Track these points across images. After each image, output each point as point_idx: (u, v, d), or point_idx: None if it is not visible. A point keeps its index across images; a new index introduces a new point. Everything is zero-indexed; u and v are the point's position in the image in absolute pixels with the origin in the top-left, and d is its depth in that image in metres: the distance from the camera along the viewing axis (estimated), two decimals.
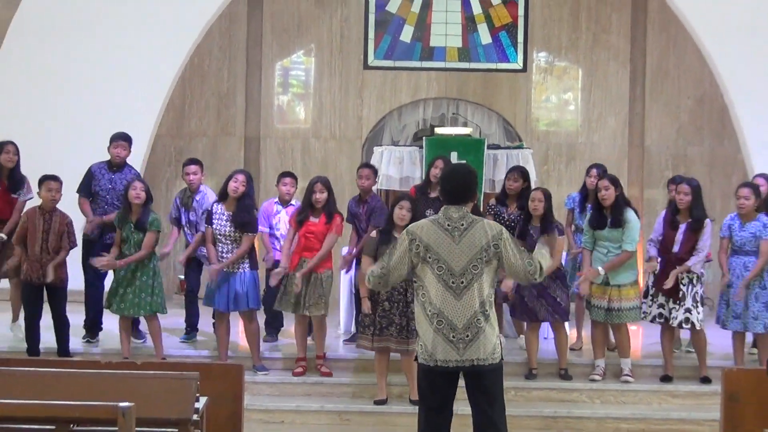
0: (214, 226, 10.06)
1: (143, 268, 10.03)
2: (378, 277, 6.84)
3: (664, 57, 15.09)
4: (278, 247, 10.75)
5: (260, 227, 10.55)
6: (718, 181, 14.44)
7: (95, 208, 10.78)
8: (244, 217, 10.05)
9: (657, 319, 10.07)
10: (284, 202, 10.90)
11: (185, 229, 11.00)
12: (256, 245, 10.38)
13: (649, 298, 10.09)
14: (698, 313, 9.96)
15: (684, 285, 9.94)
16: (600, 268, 9.87)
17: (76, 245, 10.31)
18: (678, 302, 9.92)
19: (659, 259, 10.07)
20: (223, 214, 10.07)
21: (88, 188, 10.79)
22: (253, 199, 10.37)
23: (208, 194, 10.92)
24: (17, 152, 10.63)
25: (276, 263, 10.54)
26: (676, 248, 9.97)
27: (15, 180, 10.59)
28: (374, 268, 6.93)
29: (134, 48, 13.70)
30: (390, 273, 6.81)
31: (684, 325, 9.98)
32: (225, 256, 10.02)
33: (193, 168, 11.02)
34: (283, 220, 10.74)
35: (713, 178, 14.53)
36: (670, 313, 9.97)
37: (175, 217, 11.06)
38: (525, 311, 10.12)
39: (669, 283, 9.86)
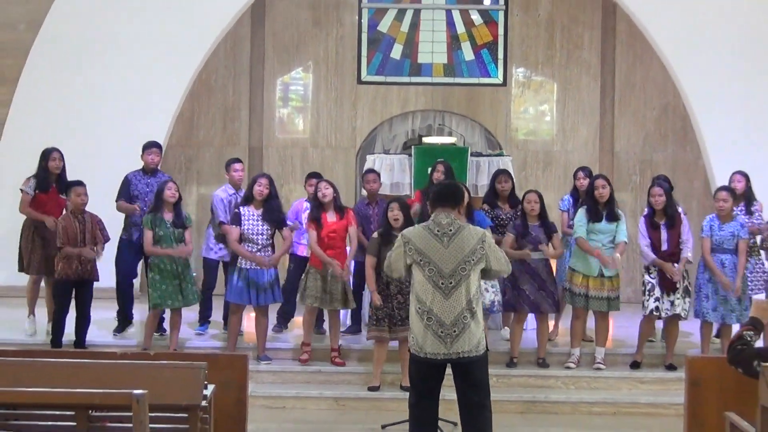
0: (245, 227, 9.92)
1: (185, 262, 10.07)
2: (387, 267, 7.12)
3: (631, 71, 15.13)
4: (304, 242, 10.73)
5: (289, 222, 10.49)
6: (681, 184, 14.44)
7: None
8: (277, 215, 10.04)
9: (654, 312, 10.00)
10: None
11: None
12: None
13: (647, 293, 10.03)
14: (686, 303, 9.99)
15: (684, 279, 9.99)
16: (617, 255, 9.90)
17: (109, 239, 10.30)
18: (677, 294, 9.92)
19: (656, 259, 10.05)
20: (253, 215, 9.95)
21: (127, 194, 10.77)
22: (278, 198, 10.31)
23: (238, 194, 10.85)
24: (62, 158, 10.64)
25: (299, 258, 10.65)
26: (665, 246, 9.96)
27: (63, 183, 10.54)
28: (385, 263, 7.18)
29: (148, 66, 13.68)
30: (392, 265, 7.02)
31: (683, 315, 9.97)
32: (257, 254, 9.90)
33: (238, 165, 11.10)
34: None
35: (676, 182, 14.43)
36: (670, 305, 9.94)
37: (222, 218, 10.72)
38: (528, 303, 10.05)
39: (677, 277, 9.84)
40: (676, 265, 9.87)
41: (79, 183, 10.05)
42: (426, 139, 12.98)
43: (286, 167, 14.78)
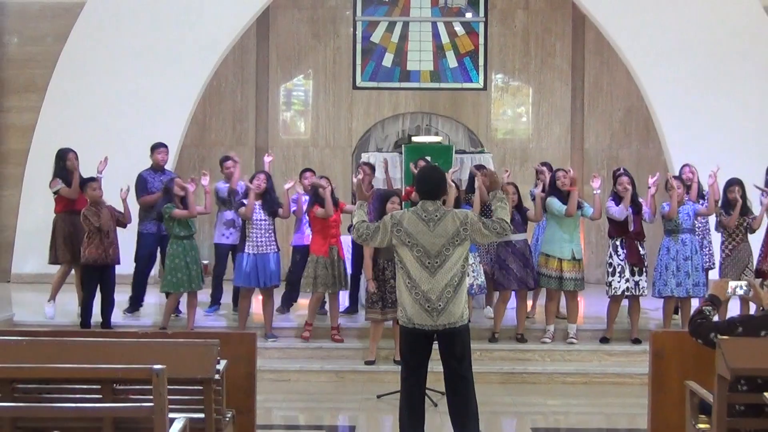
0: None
1: (192, 248, 10.04)
2: (358, 232, 6.94)
3: (598, 76, 15.14)
4: (308, 233, 10.72)
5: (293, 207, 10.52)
6: (644, 178, 14.27)
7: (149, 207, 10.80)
8: (273, 205, 10.06)
9: (626, 293, 9.99)
10: (307, 192, 10.80)
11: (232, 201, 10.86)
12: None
13: (617, 275, 10.02)
14: (645, 282, 10.02)
15: (645, 258, 9.99)
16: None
17: (131, 221, 10.34)
18: (641, 273, 9.94)
19: (620, 239, 10.03)
20: (257, 206, 9.97)
21: (144, 190, 10.83)
22: (274, 191, 10.33)
23: (242, 186, 10.84)
24: (77, 158, 10.64)
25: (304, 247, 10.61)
26: (632, 227, 9.97)
27: (80, 180, 10.48)
28: (362, 225, 6.97)
29: (164, 74, 13.65)
30: (368, 236, 6.91)
31: (644, 293, 10.00)
32: (260, 240, 9.95)
33: (230, 162, 11.12)
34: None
35: (640, 175, 14.39)
36: (636, 285, 9.95)
37: (223, 199, 11.01)
38: (516, 280, 10.04)
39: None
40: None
41: (92, 179, 10.07)
42: (415, 139, 13.02)
43: (290, 165, 14.76)
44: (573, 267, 10.00)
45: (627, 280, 9.95)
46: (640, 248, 9.98)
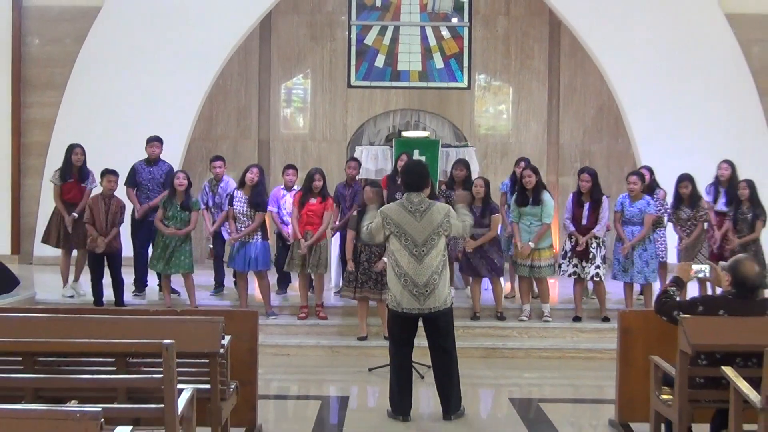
0: (234, 207, 10.03)
1: (185, 238, 10.02)
2: (368, 236, 7.11)
3: (573, 77, 15.12)
4: (287, 222, 10.71)
5: (270, 208, 10.47)
6: (614, 170, 14.49)
7: (139, 194, 10.79)
8: (258, 199, 10.02)
9: (572, 275, 10.08)
10: (288, 188, 10.82)
11: (211, 209, 10.94)
12: (267, 222, 10.37)
13: (567, 259, 10.08)
14: (602, 269, 10.01)
15: (593, 248, 9.97)
16: (531, 243, 9.90)
17: (122, 222, 10.25)
18: (589, 261, 9.94)
19: (573, 231, 10.08)
20: (242, 198, 10.02)
21: (133, 180, 10.79)
22: (264, 186, 10.35)
23: (230, 182, 10.89)
24: (83, 153, 10.63)
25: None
26: (584, 221, 9.99)
27: (83, 173, 10.62)
28: (365, 228, 7.12)
29: (174, 73, 13.63)
30: (372, 234, 7.04)
31: (595, 278, 10.00)
32: (243, 229, 9.98)
33: (218, 162, 11.04)
34: (288, 201, 10.66)
35: (610, 168, 14.58)
36: (583, 270, 9.98)
37: (204, 201, 10.98)
38: (471, 269, 10.12)
39: (581, 246, 9.89)
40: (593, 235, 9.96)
41: (112, 172, 10.09)
42: (404, 133, 13.00)
43: (290, 157, 14.70)
44: (527, 256, 9.99)
45: (575, 265, 10.00)
46: (590, 240, 9.96)
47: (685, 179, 10.38)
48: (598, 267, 9.95)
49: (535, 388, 8.89)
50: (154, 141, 10.97)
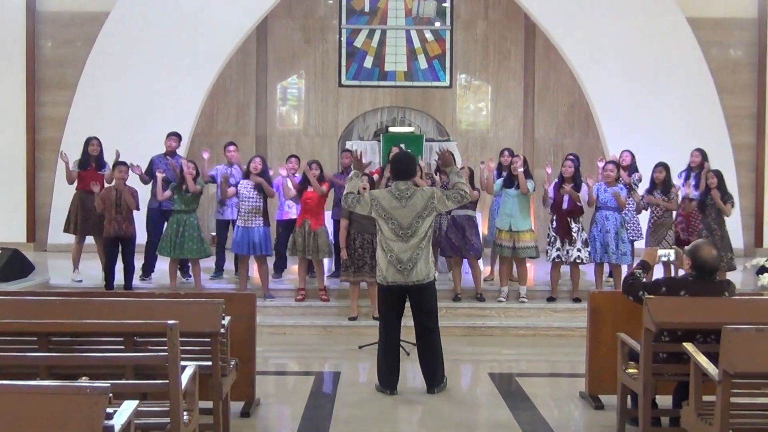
0: (240, 193, 9.99)
1: (192, 224, 9.95)
2: (347, 201, 7.03)
3: (547, 76, 15.13)
4: (286, 208, 10.73)
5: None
6: (584, 163, 14.31)
7: (155, 185, 10.69)
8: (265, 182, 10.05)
9: (556, 259, 10.06)
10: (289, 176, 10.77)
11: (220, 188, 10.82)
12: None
13: (550, 245, 10.05)
14: (584, 252, 10.01)
15: (575, 232, 9.98)
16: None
17: (139, 209, 10.23)
18: (572, 244, 9.96)
19: (553, 217, 10.06)
20: (249, 185, 9.97)
21: (151, 172, 10.75)
22: (268, 174, 10.31)
23: (239, 170, 10.79)
24: (100, 144, 10.70)
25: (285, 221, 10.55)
26: (565, 206, 9.98)
27: (100, 163, 10.66)
28: (348, 196, 7.02)
29: (177, 73, 13.60)
30: (355, 206, 7.01)
31: (576, 261, 10.00)
32: (248, 214, 9.93)
33: (231, 147, 11.12)
34: (288, 184, 10.51)
35: (581, 161, 14.56)
36: (567, 253, 9.98)
37: (212, 175, 10.94)
38: (452, 248, 10.07)
39: (566, 190, 9.87)
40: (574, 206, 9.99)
41: (123, 163, 10.12)
42: (392, 129, 12.98)
43: (285, 151, 14.63)
44: (509, 237, 10.00)
45: (558, 249, 10.00)
46: (573, 224, 9.98)
47: (660, 166, 10.41)
48: (579, 250, 9.96)
49: (513, 363, 8.90)
50: (173, 135, 11.04)
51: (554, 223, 10.06)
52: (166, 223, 10.22)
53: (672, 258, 6.27)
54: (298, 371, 8.53)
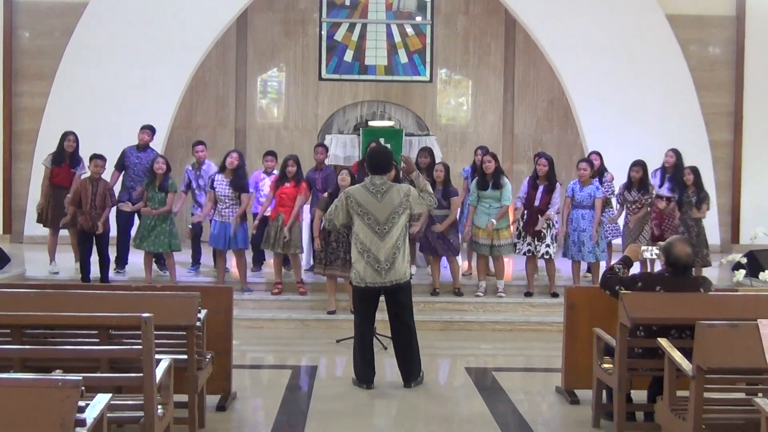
0: (216, 190, 9.94)
1: (164, 217, 9.91)
2: (328, 220, 7.13)
3: (526, 72, 15.15)
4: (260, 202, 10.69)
5: (250, 190, 10.41)
6: (563, 159, 14.53)
7: (126, 177, 10.73)
8: (240, 182, 9.96)
9: (526, 253, 10.10)
10: (268, 173, 10.76)
11: (194, 191, 10.85)
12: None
13: (521, 239, 10.12)
14: (553, 248, 10.06)
15: (544, 229, 10.02)
16: (493, 220, 9.90)
17: (115, 204, 10.19)
18: (540, 240, 9.99)
19: (525, 211, 10.11)
20: (224, 181, 9.94)
21: (121, 163, 10.71)
22: (245, 169, 10.25)
23: (211, 165, 10.80)
24: (76, 140, 10.53)
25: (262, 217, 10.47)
26: (536, 203, 10.02)
27: (74, 160, 10.51)
28: (327, 214, 7.13)
29: (156, 65, 13.49)
30: (334, 217, 7.03)
31: (545, 257, 10.05)
32: (225, 210, 9.92)
33: (200, 147, 10.96)
34: (266, 184, 10.59)
35: (560, 157, 14.55)
36: (536, 249, 10.02)
37: (186, 183, 10.89)
38: (429, 248, 10.12)
39: (540, 226, 9.92)
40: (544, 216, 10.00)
41: (99, 156, 9.99)
42: (371, 123, 12.99)
43: (264, 145, 14.59)
44: (487, 235, 9.99)
45: (529, 244, 10.05)
46: (543, 222, 10.01)
47: (638, 164, 10.42)
48: (548, 246, 10.01)
49: (490, 358, 8.94)
50: (146, 128, 10.92)
51: (524, 217, 10.10)
52: (135, 215, 10.20)
53: (655, 255, 6.32)
54: (274, 365, 8.52)
